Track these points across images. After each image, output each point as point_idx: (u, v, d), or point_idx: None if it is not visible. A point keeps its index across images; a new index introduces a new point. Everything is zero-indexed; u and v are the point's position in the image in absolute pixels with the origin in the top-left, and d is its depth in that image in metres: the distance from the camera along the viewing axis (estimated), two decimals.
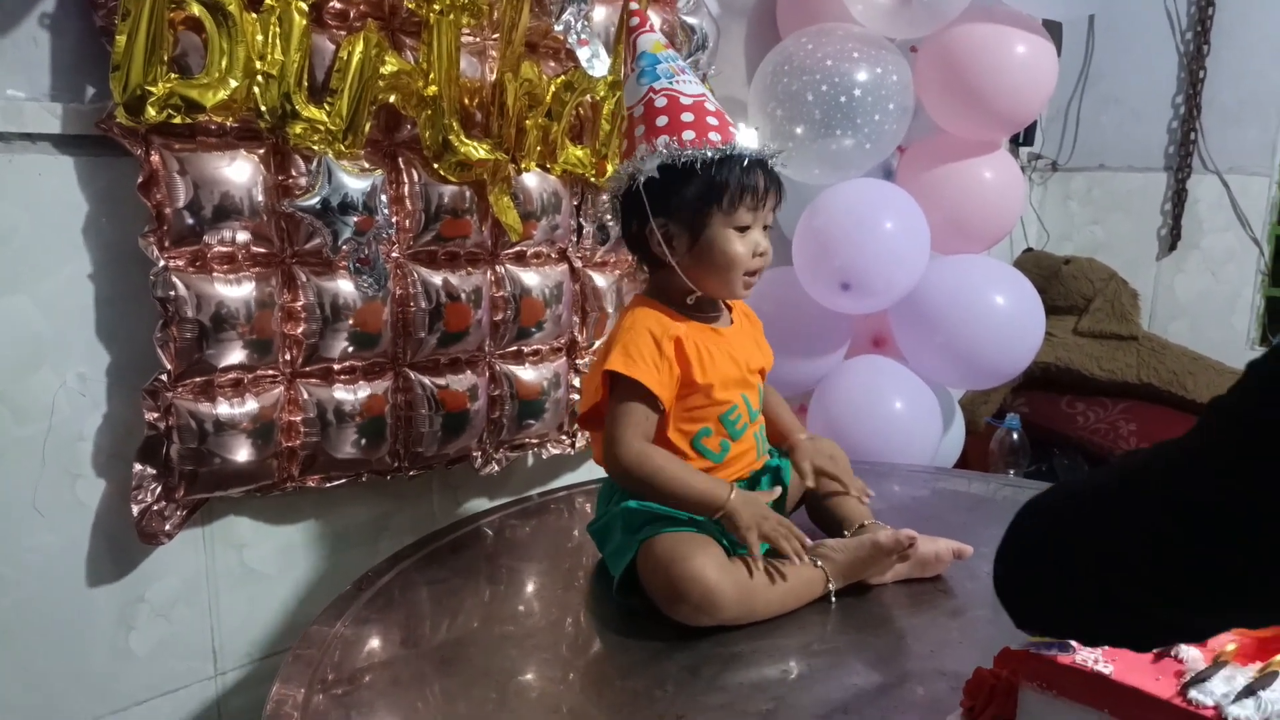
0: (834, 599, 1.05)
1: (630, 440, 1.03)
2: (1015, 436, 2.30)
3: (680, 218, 1.06)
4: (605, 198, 1.55)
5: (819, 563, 1.05)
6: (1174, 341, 2.58)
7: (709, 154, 1.03)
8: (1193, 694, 0.68)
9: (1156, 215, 2.87)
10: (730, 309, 1.17)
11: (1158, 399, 2.44)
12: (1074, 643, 0.75)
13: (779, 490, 1.14)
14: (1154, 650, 0.73)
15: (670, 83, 1.08)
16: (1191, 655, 0.73)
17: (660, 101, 1.06)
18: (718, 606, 0.96)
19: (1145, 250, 2.89)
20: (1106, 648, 0.75)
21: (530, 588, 1.15)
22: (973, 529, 1.29)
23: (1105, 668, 0.72)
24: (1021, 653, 0.77)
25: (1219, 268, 2.78)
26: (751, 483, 1.14)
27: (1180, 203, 2.81)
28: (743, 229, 1.07)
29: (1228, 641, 0.74)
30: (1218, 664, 0.69)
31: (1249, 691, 0.66)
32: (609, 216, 1.14)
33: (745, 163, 1.05)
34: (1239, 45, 2.68)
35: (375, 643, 0.99)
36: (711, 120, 1.06)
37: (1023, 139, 2.86)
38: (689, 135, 1.04)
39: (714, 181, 1.04)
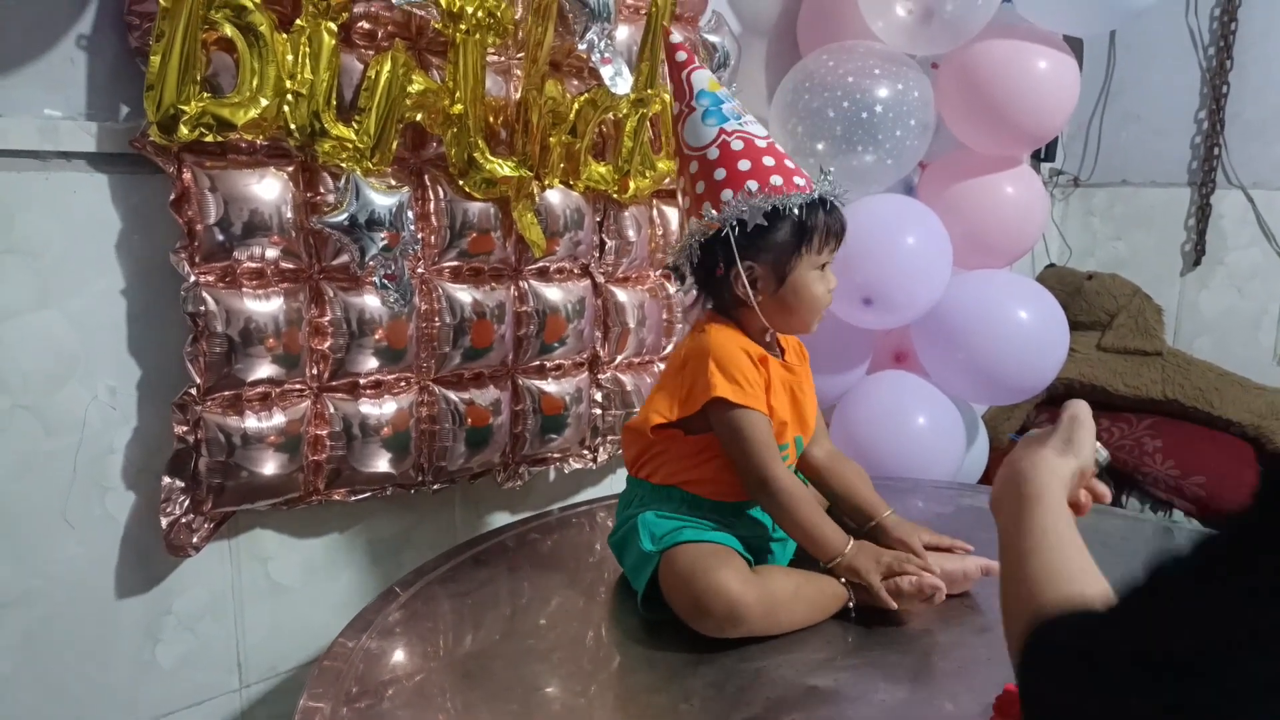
0: (854, 613, 1.04)
1: (775, 462, 1.05)
2: None
3: (768, 260, 1.08)
4: (634, 214, 1.55)
5: (843, 579, 1.05)
6: (1199, 358, 2.55)
7: (803, 199, 1.06)
8: None
9: (1180, 231, 2.86)
10: (784, 349, 1.18)
11: (1183, 415, 2.42)
12: None
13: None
14: None
15: (740, 124, 1.10)
16: None
17: (736, 144, 1.08)
18: (742, 619, 0.96)
19: (1169, 266, 2.87)
20: None
21: (552, 601, 1.15)
22: (997, 545, 1.28)
23: None
24: None
25: (1244, 283, 2.76)
26: None
27: (1204, 218, 2.79)
28: (822, 268, 1.10)
29: None
30: None
31: None
32: (680, 258, 1.13)
33: (827, 205, 1.08)
34: (1262, 60, 2.67)
35: (399, 656, 1.00)
36: (789, 164, 1.09)
37: (1044, 155, 2.86)
38: (777, 180, 1.06)
39: (804, 226, 1.06)
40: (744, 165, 1.07)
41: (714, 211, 1.07)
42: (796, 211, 1.05)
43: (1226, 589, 0.47)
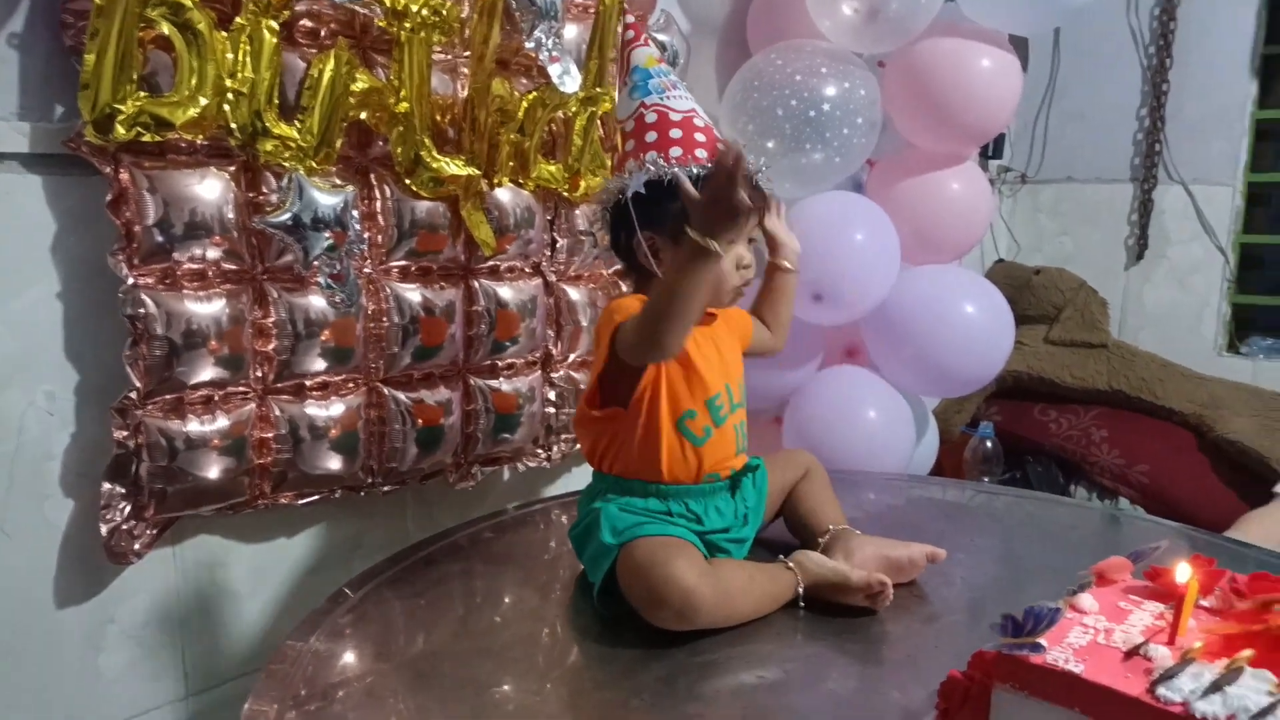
0: (802, 604, 1.05)
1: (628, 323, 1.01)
2: (989, 445, 2.32)
3: (666, 231, 1.08)
4: (592, 207, 1.56)
5: (795, 568, 1.06)
6: (1143, 349, 2.62)
7: (694, 171, 1.05)
8: (1161, 691, 0.68)
9: (1124, 226, 2.92)
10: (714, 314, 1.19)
11: (1128, 406, 2.48)
12: (1045, 642, 0.76)
13: None
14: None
15: (661, 98, 1.11)
16: (1160, 653, 0.73)
17: (650, 117, 1.10)
18: (696, 610, 0.96)
19: (1114, 260, 2.94)
20: (1078, 647, 0.76)
21: (506, 600, 1.15)
22: (948, 535, 1.30)
23: (1076, 667, 0.73)
24: (994, 654, 0.78)
25: (1186, 277, 2.83)
26: (733, 484, 1.14)
27: (1147, 213, 2.85)
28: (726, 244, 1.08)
29: (1195, 639, 0.75)
30: (1185, 661, 0.70)
31: (1216, 687, 0.67)
32: (596, 226, 1.16)
33: None
34: (1201, 59, 2.74)
35: (349, 658, 0.99)
36: (699, 137, 1.09)
37: (992, 152, 2.91)
38: (676, 152, 1.07)
39: None
40: (651, 137, 1.08)
41: (612, 180, 1.11)
42: (692, 185, 1.01)
43: None
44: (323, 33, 1.25)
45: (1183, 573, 0.80)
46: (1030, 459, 2.51)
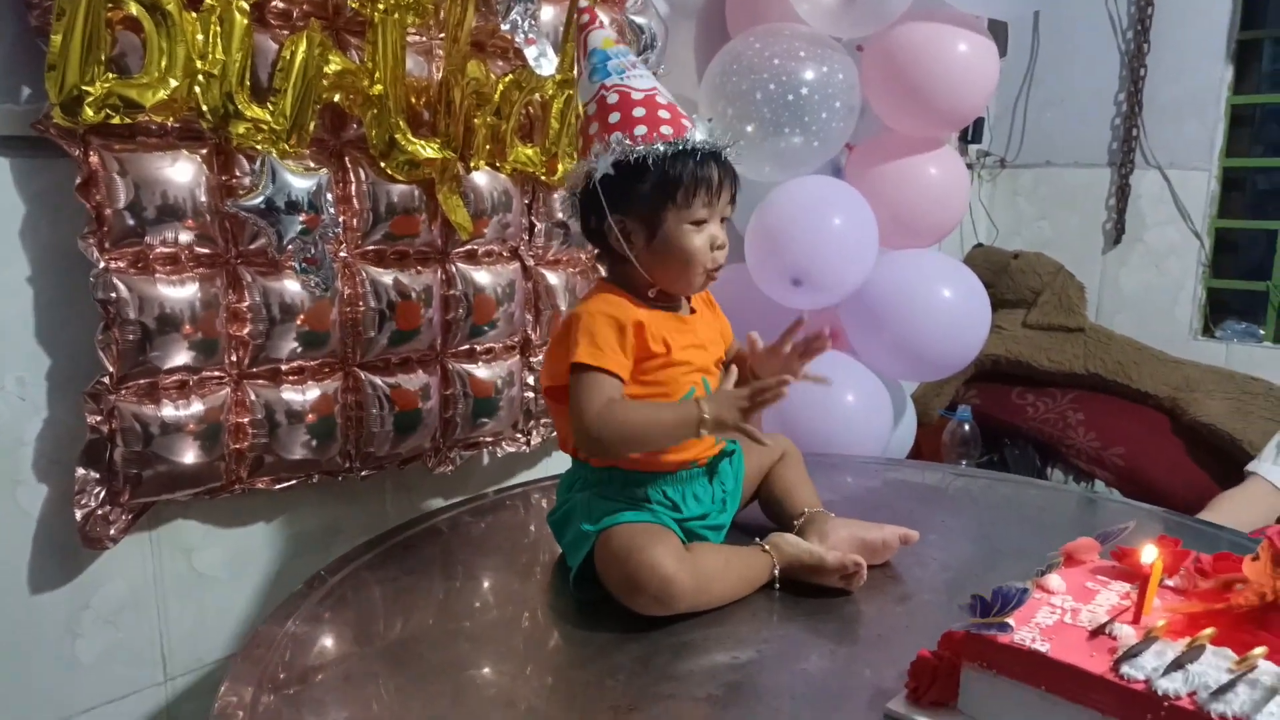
0: (778, 586, 1.06)
1: (592, 402, 1.01)
2: (967, 428, 2.34)
3: (636, 214, 1.05)
4: (562, 195, 1.55)
5: (771, 550, 1.06)
6: (1119, 333, 2.64)
7: (661, 148, 1.02)
8: (1125, 669, 0.70)
9: (1101, 210, 2.94)
10: (689, 298, 1.17)
11: (1104, 389, 2.50)
12: (1013, 622, 0.77)
13: (733, 373, 1.09)
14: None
15: (621, 78, 1.07)
16: (1124, 632, 0.75)
17: (612, 98, 1.06)
18: (674, 596, 0.97)
19: (1091, 244, 2.96)
20: (1045, 627, 0.77)
21: (485, 583, 1.15)
22: (924, 517, 1.31)
23: (1042, 646, 0.74)
24: (963, 634, 0.79)
25: (1161, 260, 2.85)
26: (710, 469, 1.15)
27: (1124, 198, 2.87)
28: (699, 223, 1.06)
29: (1159, 618, 0.76)
30: (1149, 639, 0.71)
31: (1177, 665, 0.68)
32: (566, 213, 1.14)
33: (699, 156, 1.04)
34: (1177, 44, 2.75)
35: (327, 641, 0.99)
36: (663, 114, 1.05)
37: (971, 136, 2.92)
38: (641, 130, 1.03)
39: (667, 176, 1.03)
40: (614, 118, 1.05)
41: (578, 164, 1.08)
42: (655, 163, 1.02)
43: None
44: (295, 14, 1.24)
45: (1148, 553, 0.81)
46: (1008, 442, 2.53)
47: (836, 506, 1.20)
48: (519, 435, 1.64)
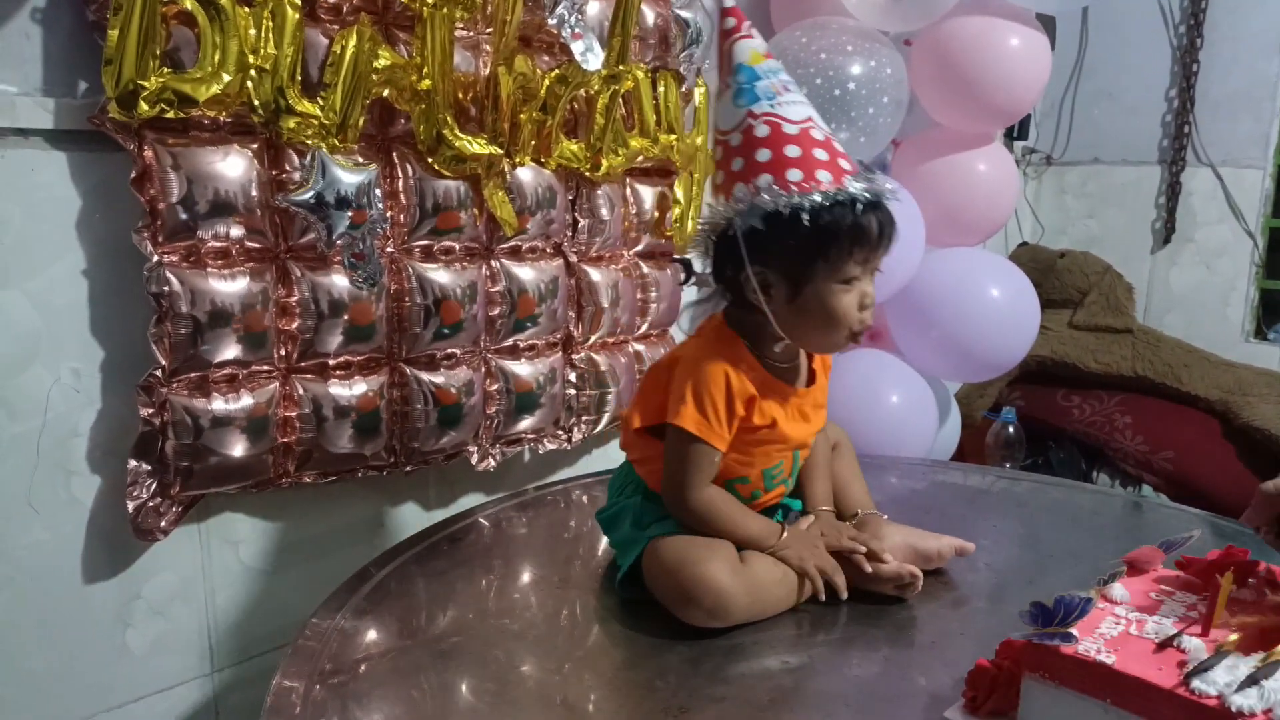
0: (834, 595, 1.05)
1: (699, 487, 1.00)
2: (1011, 430, 2.31)
3: (779, 267, 0.95)
4: (607, 191, 1.53)
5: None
6: (1169, 334, 2.59)
7: (817, 199, 0.91)
8: (1196, 684, 0.68)
9: (1151, 208, 2.88)
10: (811, 356, 1.08)
11: (1153, 391, 2.45)
12: (1076, 633, 0.75)
13: (818, 520, 1.09)
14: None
15: (772, 106, 0.95)
16: (1194, 645, 0.73)
17: (761, 130, 0.94)
18: (729, 610, 0.95)
19: (1140, 243, 2.90)
20: (1109, 638, 0.75)
21: (527, 579, 1.15)
22: (971, 521, 1.29)
23: (1108, 658, 0.72)
24: (1023, 643, 0.77)
25: (1213, 260, 2.79)
26: (766, 514, 1.12)
27: (1174, 196, 2.81)
28: (849, 280, 0.95)
29: (1230, 632, 0.74)
30: (1220, 653, 0.69)
31: (1252, 681, 0.66)
32: (696, 255, 1.04)
33: (857, 207, 0.92)
34: (1231, 38, 2.69)
35: (373, 634, 0.99)
36: (819, 154, 0.93)
37: (1017, 133, 2.87)
38: (795, 175, 0.92)
39: (822, 231, 0.92)
40: (763, 156, 0.93)
41: (720, 206, 0.98)
42: (810, 215, 0.91)
43: None
44: (345, 9, 1.24)
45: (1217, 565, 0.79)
46: (1053, 444, 2.49)
47: (883, 509, 1.18)
48: (560, 432, 1.64)
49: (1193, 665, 0.69)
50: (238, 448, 1.20)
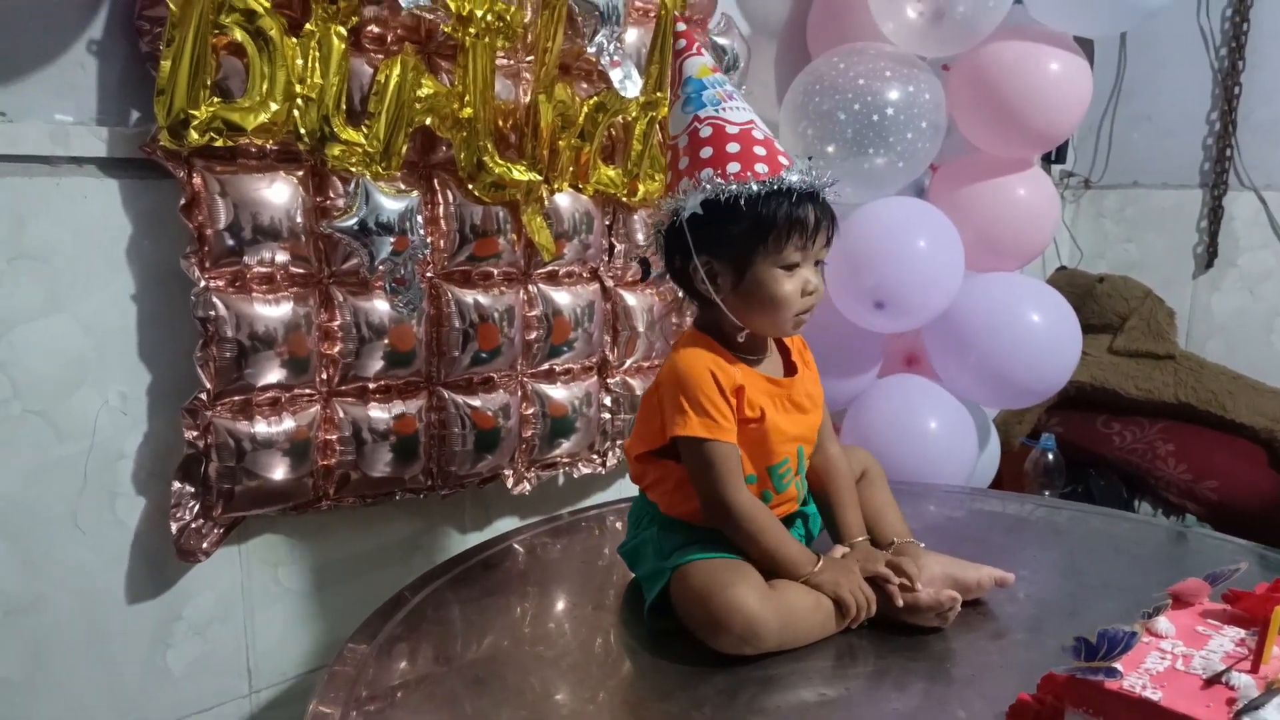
0: (868, 622, 1.03)
1: (738, 490, 1.01)
2: (1050, 457, 2.27)
3: (724, 255, 1.01)
4: (646, 232, 1.54)
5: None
6: (1212, 360, 2.54)
7: (754, 188, 0.97)
8: None
9: (1192, 233, 2.84)
10: (788, 350, 1.12)
11: (1196, 419, 2.40)
12: (1121, 667, 0.73)
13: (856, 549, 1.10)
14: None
15: (716, 110, 1.02)
16: (1244, 682, 0.71)
17: (705, 131, 1.01)
18: (760, 637, 0.94)
19: (1181, 268, 2.86)
20: (1155, 673, 0.73)
21: (561, 606, 1.15)
22: (1011, 551, 1.27)
23: (1154, 694, 0.70)
24: (1067, 678, 0.76)
25: (1257, 285, 2.74)
26: (786, 522, 1.12)
27: (1216, 220, 2.77)
28: (791, 267, 1.01)
29: None
30: (1271, 691, 0.68)
31: None
32: (650, 250, 1.11)
33: (794, 197, 0.99)
34: (1274, 61, 2.65)
35: (409, 661, 0.99)
36: (759, 150, 1.00)
37: (1055, 156, 2.85)
38: (734, 168, 0.98)
39: (759, 218, 0.98)
40: (705, 152, 1.00)
41: (666, 201, 1.04)
42: (747, 203, 0.97)
43: None
44: (389, 38, 1.26)
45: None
46: (1093, 472, 2.45)
47: (921, 536, 1.17)
48: (594, 456, 1.64)
49: (1242, 703, 0.68)
50: (279, 470, 1.22)
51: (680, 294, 1.11)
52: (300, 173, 1.20)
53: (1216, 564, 0.89)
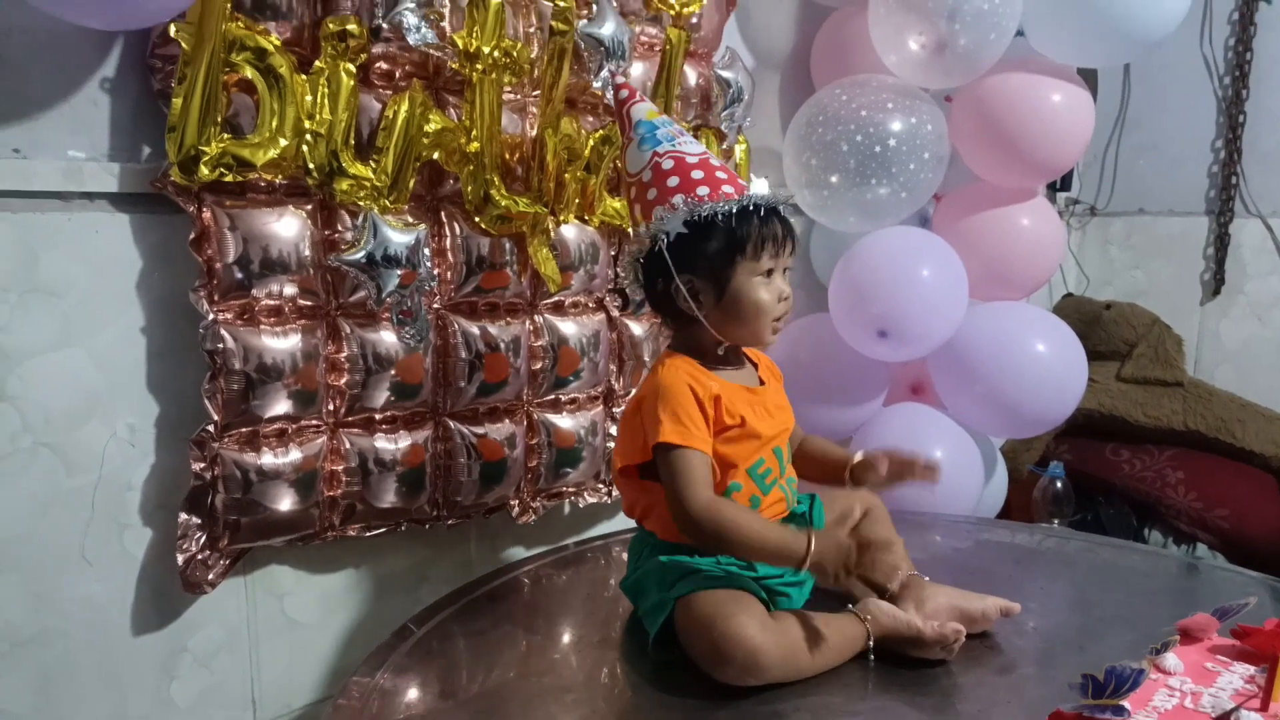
0: (873, 656, 1.03)
1: (699, 491, 1.01)
2: (1059, 485, 2.26)
3: (705, 272, 1.08)
4: (623, 263, 1.56)
5: (867, 619, 1.03)
6: (1221, 388, 2.53)
7: (729, 206, 1.05)
8: None
9: (1199, 260, 2.84)
10: (757, 365, 1.18)
11: (1206, 447, 2.39)
12: (1128, 705, 0.73)
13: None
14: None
15: (673, 145, 1.11)
16: None
17: (667, 164, 1.09)
18: (762, 668, 0.95)
19: (1188, 295, 2.85)
20: (1163, 711, 0.73)
21: (567, 638, 1.15)
22: (1019, 582, 1.27)
23: None
24: (1074, 715, 0.75)
25: (1265, 312, 2.73)
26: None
27: (1223, 247, 2.77)
28: (766, 275, 1.09)
29: None
30: None
31: None
32: (626, 281, 1.17)
33: (763, 212, 1.07)
34: (1278, 89, 2.66)
35: (414, 694, 0.99)
36: (721, 175, 1.09)
37: (1060, 184, 2.85)
38: (704, 191, 1.06)
39: (735, 232, 1.06)
40: (673, 182, 1.08)
41: (643, 227, 1.10)
42: (722, 220, 1.05)
43: None
44: (397, 74, 1.28)
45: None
46: (1102, 500, 2.43)
47: (927, 567, 1.17)
48: (600, 485, 1.64)
49: None
50: (285, 501, 1.22)
51: (662, 319, 1.19)
52: (309, 207, 1.22)
53: (1227, 597, 0.88)
